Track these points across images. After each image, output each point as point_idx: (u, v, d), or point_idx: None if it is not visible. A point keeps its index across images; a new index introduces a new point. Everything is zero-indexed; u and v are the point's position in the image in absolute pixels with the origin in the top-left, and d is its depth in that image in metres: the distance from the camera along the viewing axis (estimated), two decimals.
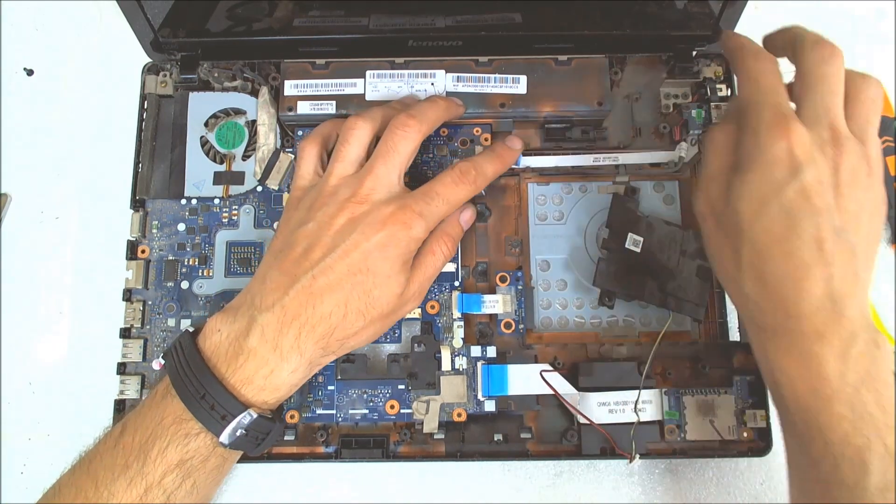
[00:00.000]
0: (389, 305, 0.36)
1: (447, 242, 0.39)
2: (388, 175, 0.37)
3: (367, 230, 0.35)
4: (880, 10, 0.52)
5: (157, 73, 0.46)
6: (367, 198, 0.36)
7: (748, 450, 0.41)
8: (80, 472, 0.34)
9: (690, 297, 0.42)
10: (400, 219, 0.36)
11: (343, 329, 0.35)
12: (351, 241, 0.35)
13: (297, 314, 0.34)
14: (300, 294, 0.34)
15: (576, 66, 0.45)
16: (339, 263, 0.35)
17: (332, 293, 0.35)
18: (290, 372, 0.35)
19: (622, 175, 0.45)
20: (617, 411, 0.40)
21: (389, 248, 0.35)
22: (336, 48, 0.45)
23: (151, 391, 0.35)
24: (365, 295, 0.35)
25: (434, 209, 0.37)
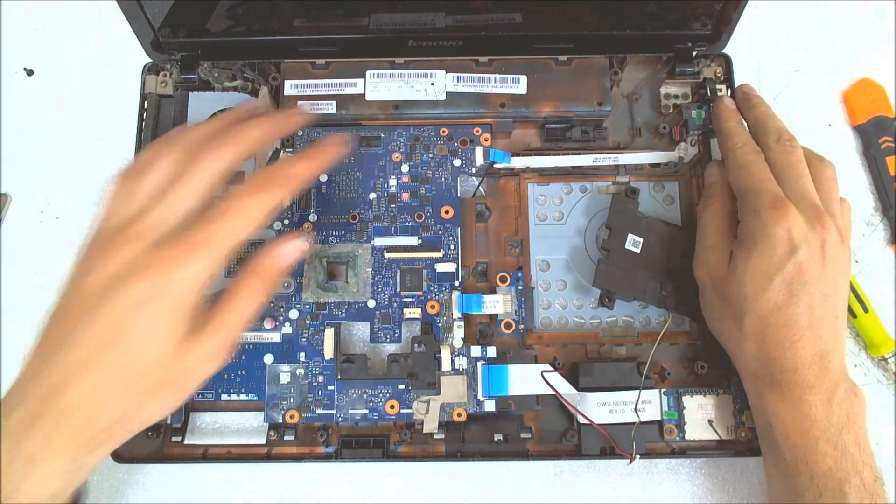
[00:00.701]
0: (170, 371, 0.30)
1: (254, 284, 0.32)
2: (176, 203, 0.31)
3: (126, 285, 0.29)
4: (880, 10, 0.52)
5: (157, 73, 0.46)
6: (139, 236, 0.30)
7: (747, 450, 0.41)
8: None
9: (690, 297, 0.42)
10: (165, 258, 0.29)
11: (108, 415, 0.29)
12: (107, 304, 0.29)
13: (42, 410, 0.29)
14: (41, 385, 0.29)
15: (576, 66, 0.45)
16: (87, 337, 0.29)
17: (77, 378, 0.29)
18: (44, 479, 0.29)
19: (622, 175, 0.45)
20: (617, 411, 0.40)
21: (153, 301, 0.29)
22: (336, 48, 0.45)
23: None
24: (126, 369, 0.29)
25: (223, 232, 0.31)
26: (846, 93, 0.49)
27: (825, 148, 0.48)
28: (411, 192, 0.44)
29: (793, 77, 0.50)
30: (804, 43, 0.51)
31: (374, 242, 0.43)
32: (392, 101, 0.45)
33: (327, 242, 0.43)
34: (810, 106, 0.49)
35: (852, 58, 0.50)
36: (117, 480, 0.42)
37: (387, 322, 0.42)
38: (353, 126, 0.45)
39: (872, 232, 0.47)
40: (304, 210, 0.44)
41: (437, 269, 0.42)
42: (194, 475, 0.43)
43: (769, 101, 0.49)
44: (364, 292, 0.42)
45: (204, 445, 0.42)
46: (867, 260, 0.47)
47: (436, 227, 0.43)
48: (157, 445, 0.42)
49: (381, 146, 0.45)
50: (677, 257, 0.42)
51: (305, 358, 0.41)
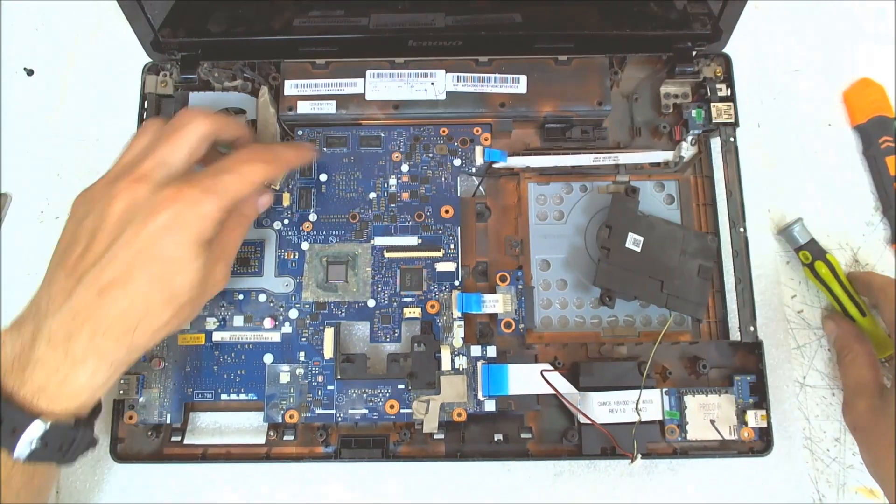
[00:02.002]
0: (195, 290, 0.34)
1: (243, 223, 0.38)
2: (170, 156, 0.35)
3: (149, 213, 0.33)
4: (880, 10, 0.52)
5: (158, 73, 0.46)
6: (145, 177, 0.34)
7: (749, 450, 0.41)
8: None
9: (690, 296, 0.42)
10: (185, 195, 0.33)
11: (148, 324, 0.33)
12: (132, 228, 0.33)
13: (88, 315, 0.32)
14: (87, 292, 0.32)
15: (576, 66, 0.45)
16: (123, 253, 0.32)
17: (124, 287, 0.32)
18: (88, 376, 0.32)
19: (622, 175, 0.45)
20: (617, 411, 0.40)
21: (178, 229, 0.33)
22: (336, 48, 0.45)
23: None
24: (165, 285, 0.33)
25: (226, 184, 0.35)
26: (846, 93, 0.49)
27: (825, 148, 0.49)
28: (411, 191, 0.44)
29: (793, 77, 0.50)
30: (804, 43, 0.51)
31: (374, 242, 0.43)
32: (392, 100, 0.45)
33: (327, 242, 0.43)
34: (810, 106, 0.49)
35: (852, 58, 0.50)
36: (117, 480, 0.42)
37: (387, 322, 0.42)
38: (353, 126, 0.45)
39: (872, 232, 0.47)
40: (304, 210, 0.44)
41: (436, 268, 0.42)
42: (194, 475, 0.42)
43: (769, 101, 0.49)
44: (364, 292, 0.42)
45: (204, 445, 0.42)
46: (867, 260, 0.47)
47: (436, 226, 0.43)
48: (157, 445, 0.42)
49: (381, 146, 0.45)
50: (678, 256, 0.42)
51: (305, 358, 0.41)
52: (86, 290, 0.32)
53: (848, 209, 0.47)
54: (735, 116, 0.45)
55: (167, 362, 0.41)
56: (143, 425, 0.41)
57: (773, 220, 0.47)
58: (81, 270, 0.33)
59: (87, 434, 0.34)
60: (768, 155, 0.48)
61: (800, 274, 0.46)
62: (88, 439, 0.34)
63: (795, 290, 0.46)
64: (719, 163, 0.44)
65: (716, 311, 0.44)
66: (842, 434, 0.44)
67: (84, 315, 0.32)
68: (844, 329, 0.43)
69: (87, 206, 0.35)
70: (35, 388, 0.32)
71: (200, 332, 0.42)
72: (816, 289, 0.46)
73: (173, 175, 0.34)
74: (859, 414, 0.40)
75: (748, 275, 0.43)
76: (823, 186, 0.48)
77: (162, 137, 0.35)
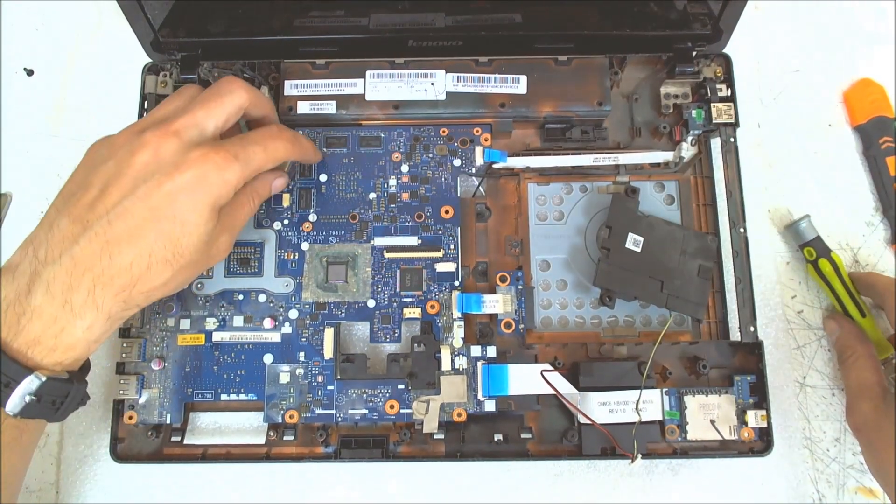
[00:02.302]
0: (198, 254, 0.34)
1: (255, 199, 0.38)
2: (205, 119, 0.35)
3: (173, 170, 0.32)
4: (880, 10, 0.52)
5: (157, 73, 0.46)
6: (177, 134, 0.33)
7: (749, 450, 0.41)
8: None
9: (691, 296, 0.42)
10: (213, 158, 0.33)
11: (147, 281, 0.33)
12: (154, 181, 0.32)
13: (91, 265, 0.31)
14: (93, 242, 0.32)
15: (576, 66, 0.45)
16: (138, 207, 0.32)
17: (132, 241, 0.32)
18: (84, 328, 0.32)
19: (622, 175, 0.45)
20: (618, 411, 0.40)
21: (198, 191, 0.33)
22: (336, 48, 0.45)
23: None
24: (172, 244, 0.33)
25: (251, 155, 0.35)
26: (846, 93, 0.49)
27: (825, 148, 0.49)
28: (411, 191, 0.44)
29: (793, 77, 0.50)
30: (804, 43, 0.51)
31: (374, 242, 0.43)
32: (392, 101, 0.45)
33: (327, 242, 0.43)
34: (810, 106, 0.49)
35: (852, 58, 0.50)
36: (117, 480, 0.42)
37: (387, 322, 0.42)
38: (353, 126, 0.45)
39: (872, 232, 0.47)
40: (304, 210, 0.44)
41: (436, 268, 0.42)
42: (194, 475, 0.42)
43: (769, 101, 0.49)
44: (364, 292, 0.42)
45: (203, 445, 0.42)
46: (867, 260, 0.47)
47: (436, 226, 0.43)
48: (157, 445, 0.42)
49: (381, 146, 0.45)
50: (678, 256, 0.42)
51: (305, 358, 0.41)
52: (92, 241, 0.32)
53: (848, 209, 0.47)
54: (735, 116, 0.45)
55: (167, 362, 0.41)
56: (143, 425, 0.41)
57: (774, 220, 0.47)
58: (90, 219, 0.32)
59: (80, 389, 0.33)
60: (768, 155, 0.48)
61: (800, 274, 0.46)
62: (81, 395, 0.34)
63: (795, 290, 0.46)
64: (719, 163, 0.44)
65: (716, 311, 0.44)
66: (842, 434, 0.44)
67: (86, 265, 0.31)
68: (846, 329, 0.43)
69: (106, 152, 0.34)
70: (30, 339, 0.31)
71: (200, 332, 0.42)
72: (816, 289, 0.46)
73: (205, 138, 0.34)
74: (863, 416, 0.39)
75: (748, 275, 0.43)
76: (823, 187, 0.48)
77: (200, 100, 0.36)
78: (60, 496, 0.42)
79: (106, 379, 0.44)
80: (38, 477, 0.43)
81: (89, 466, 0.43)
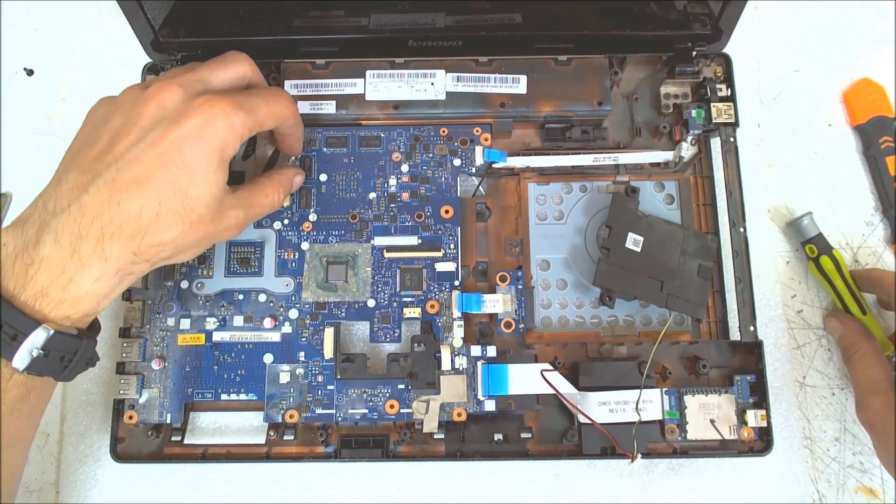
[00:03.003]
0: (208, 209, 0.34)
1: (280, 192, 0.39)
2: (209, 75, 0.35)
3: (179, 117, 0.33)
4: (880, 9, 0.52)
5: (157, 73, 0.46)
6: (181, 85, 0.34)
7: (749, 449, 0.41)
8: None
9: (690, 296, 0.42)
10: (218, 104, 0.33)
11: (157, 232, 0.32)
12: (161, 129, 0.32)
13: (99, 213, 0.31)
14: (102, 190, 0.31)
15: (576, 66, 0.45)
16: (147, 154, 0.32)
17: (140, 188, 0.32)
18: (93, 280, 0.31)
19: (622, 175, 0.45)
20: (617, 411, 0.40)
21: (205, 137, 0.33)
22: (336, 48, 0.45)
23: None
24: (181, 193, 0.32)
25: (255, 105, 0.35)
26: (846, 93, 0.49)
27: (825, 148, 0.49)
28: (411, 191, 0.44)
29: (793, 77, 0.50)
30: (804, 43, 0.51)
31: (374, 242, 0.43)
32: (392, 100, 0.45)
33: (327, 242, 0.43)
34: (810, 106, 0.49)
35: (852, 58, 0.51)
36: (117, 480, 0.42)
37: (386, 322, 0.42)
38: (353, 126, 0.45)
39: (872, 232, 0.47)
40: (304, 210, 0.44)
41: (436, 268, 0.42)
42: (194, 475, 0.42)
43: (769, 101, 0.49)
44: (364, 292, 0.42)
45: (204, 445, 0.42)
46: (867, 260, 0.47)
47: (436, 226, 0.43)
48: (157, 445, 0.42)
49: (381, 146, 0.45)
50: (677, 256, 0.42)
51: (305, 357, 0.41)
52: (101, 189, 0.31)
53: (848, 209, 0.47)
54: (735, 116, 0.45)
55: (167, 362, 0.41)
56: (143, 425, 0.41)
57: (774, 220, 0.47)
58: (98, 169, 0.32)
59: (89, 346, 0.33)
60: (768, 155, 0.48)
61: (800, 274, 0.46)
62: (90, 353, 0.33)
63: (795, 290, 0.46)
64: (719, 163, 0.44)
65: (716, 311, 0.44)
66: (842, 434, 0.44)
67: (95, 213, 0.31)
68: (850, 327, 0.43)
69: (111, 108, 0.34)
70: (37, 291, 0.31)
71: (200, 332, 0.42)
72: (816, 288, 0.46)
73: (209, 90, 0.35)
74: (875, 412, 0.39)
75: (748, 275, 0.43)
76: (823, 186, 0.48)
77: (204, 63, 0.36)
78: (60, 496, 0.42)
79: (106, 379, 0.44)
80: (38, 477, 0.43)
81: (89, 466, 0.43)
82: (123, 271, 0.33)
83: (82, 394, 0.44)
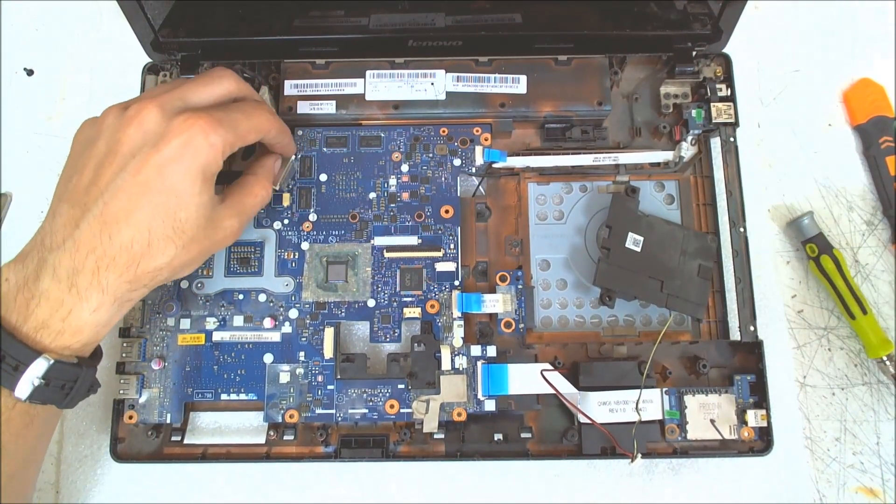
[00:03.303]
0: (199, 229, 0.34)
1: (266, 186, 0.39)
2: (189, 93, 0.35)
3: (158, 140, 0.33)
4: (880, 9, 0.52)
5: (158, 73, 0.46)
6: (160, 105, 0.33)
7: (749, 449, 0.41)
8: None
9: (691, 296, 0.42)
10: (196, 123, 0.33)
11: (151, 259, 0.33)
12: (142, 155, 0.33)
13: (93, 247, 0.32)
14: (93, 225, 0.32)
15: (576, 66, 0.45)
16: (130, 183, 0.32)
17: (128, 219, 0.32)
18: (91, 311, 0.32)
19: (622, 175, 0.45)
20: (618, 411, 0.40)
21: (186, 158, 0.33)
22: (336, 48, 0.45)
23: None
24: (169, 218, 0.33)
25: (235, 121, 0.35)
26: (846, 93, 0.49)
27: (825, 148, 0.49)
28: (411, 191, 0.44)
29: (793, 77, 0.50)
30: (804, 43, 0.51)
31: (374, 242, 0.43)
32: (392, 100, 0.45)
33: (327, 242, 0.43)
34: (810, 106, 0.49)
35: (852, 58, 0.51)
36: (117, 480, 0.42)
37: (386, 321, 0.42)
38: (353, 126, 0.45)
39: (872, 232, 0.47)
40: (304, 210, 0.44)
41: (436, 268, 0.42)
42: (194, 475, 0.42)
43: (769, 101, 0.49)
44: (364, 292, 0.42)
45: (203, 445, 0.42)
46: (867, 260, 0.47)
47: (436, 226, 0.43)
48: (157, 445, 0.42)
49: (381, 146, 0.45)
50: (677, 256, 0.42)
51: (305, 357, 0.41)
52: (91, 224, 0.32)
53: (848, 209, 0.47)
54: (735, 116, 0.45)
55: (167, 362, 0.41)
56: (143, 425, 0.41)
57: (774, 220, 0.47)
58: (87, 202, 0.33)
59: (89, 374, 0.34)
60: (768, 155, 0.48)
61: (800, 274, 0.46)
62: (90, 381, 0.34)
63: (795, 290, 0.46)
64: (719, 163, 0.44)
65: (716, 311, 0.44)
66: (842, 434, 0.44)
67: (88, 247, 0.32)
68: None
69: (95, 132, 0.35)
70: (38, 323, 0.32)
71: (200, 332, 0.42)
72: (817, 288, 0.46)
73: (188, 108, 0.34)
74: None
75: (748, 275, 0.43)
76: (823, 186, 0.48)
77: (187, 80, 0.36)
78: (60, 496, 0.42)
79: (106, 379, 0.44)
80: (38, 477, 0.43)
81: (89, 466, 0.43)
82: (122, 299, 0.33)
83: None
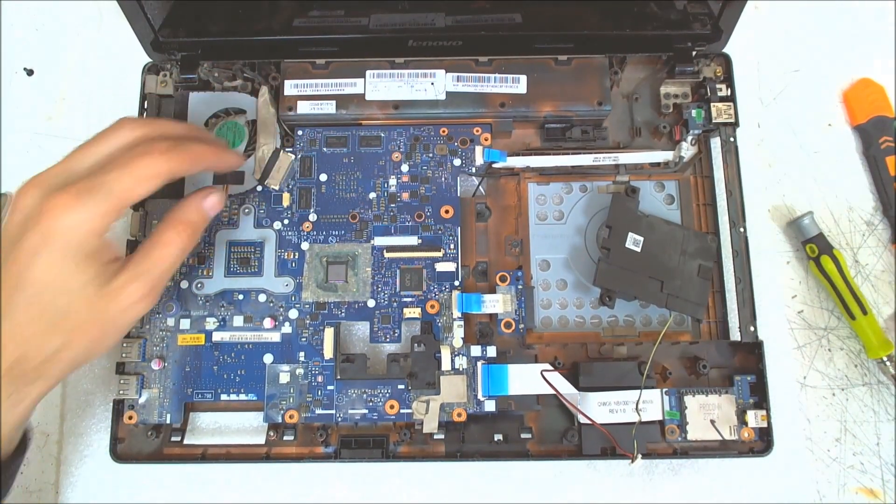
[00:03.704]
0: (90, 311, 0.31)
1: (183, 230, 0.34)
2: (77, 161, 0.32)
3: (24, 231, 0.30)
4: (880, 9, 0.52)
5: (158, 73, 0.46)
6: (38, 185, 0.31)
7: (749, 450, 0.41)
8: None
9: (691, 296, 0.42)
10: (56, 204, 0.30)
11: (36, 352, 0.31)
12: (17, 246, 0.31)
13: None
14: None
15: (576, 66, 0.45)
16: (6, 277, 0.31)
17: (6, 318, 0.30)
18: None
19: (622, 175, 0.45)
20: (618, 411, 0.40)
21: (53, 243, 0.30)
22: (336, 48, 0.45)
23: None
24: (47, 308, 0.31)
25: (110, 183, 0.31)
26: (846, 93, 0.49)
27: (825, 148, 0.49)
28: (411, 191, 0.44)
29: (793, 77, 0.50)
30: (804, 43, 0.51)
31: (374, 242, 0.43)
32: (392, 100, 0.45)
33: (327, 242, 0.43)
34: (810, 106, 0.49)
35: (852, 58, 0.51)
36: (117, 480, 0.42)
37: (386, 322, 0.42)
38: (353, 126, 0.45)
39: (872, 232, 0.47)
40: (304, 210, 0.44)
41: (436, 268, 0.42)
42: (194, 475, 0.42)
43: (769, 101, 0.49)
44: (364, 292, 0.42)
45: (203, 445, 0.42)
46: (867, 260, 0.47)
47: (436, 226, 0.43)
48: (157, 445, 0.42)
49: (381, 146, 0.45)
50: (677, 256, 0.42)
51: (305, 358, 0.41)
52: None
53: (848, 209, 0.47)
54: (735, 116, 0.45)
55: (167, 362, 0.41)
56: (143, 425, 0.41)
57: (774, 220, 0.47)
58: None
59: (12, 466, 0.34)
60: (768, 155, 0.48)
61: (800, 274, 0.46)
62: (17, 468, 0.34)
63: (795, 290, 0.46)
64: (719, 163, 0.44)
65: (716, 311, 0.44)
66: (842, 434, 0.44)
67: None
68: None
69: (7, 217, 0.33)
70: None
71: (200, 332, 0.42)
72: (817, 288, 0.46)
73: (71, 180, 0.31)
74: None
75: (748, 275, 0.43)
76: (823, 186, 0.48)
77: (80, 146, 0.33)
78: (60, 496, 0.42)
79: (106, 379, 0.44)
80: (38, 477, 0.43)
81: (89, 466, 0.43)
82: (16, 397, 0.31)
83: (82, 394, 0.44)
